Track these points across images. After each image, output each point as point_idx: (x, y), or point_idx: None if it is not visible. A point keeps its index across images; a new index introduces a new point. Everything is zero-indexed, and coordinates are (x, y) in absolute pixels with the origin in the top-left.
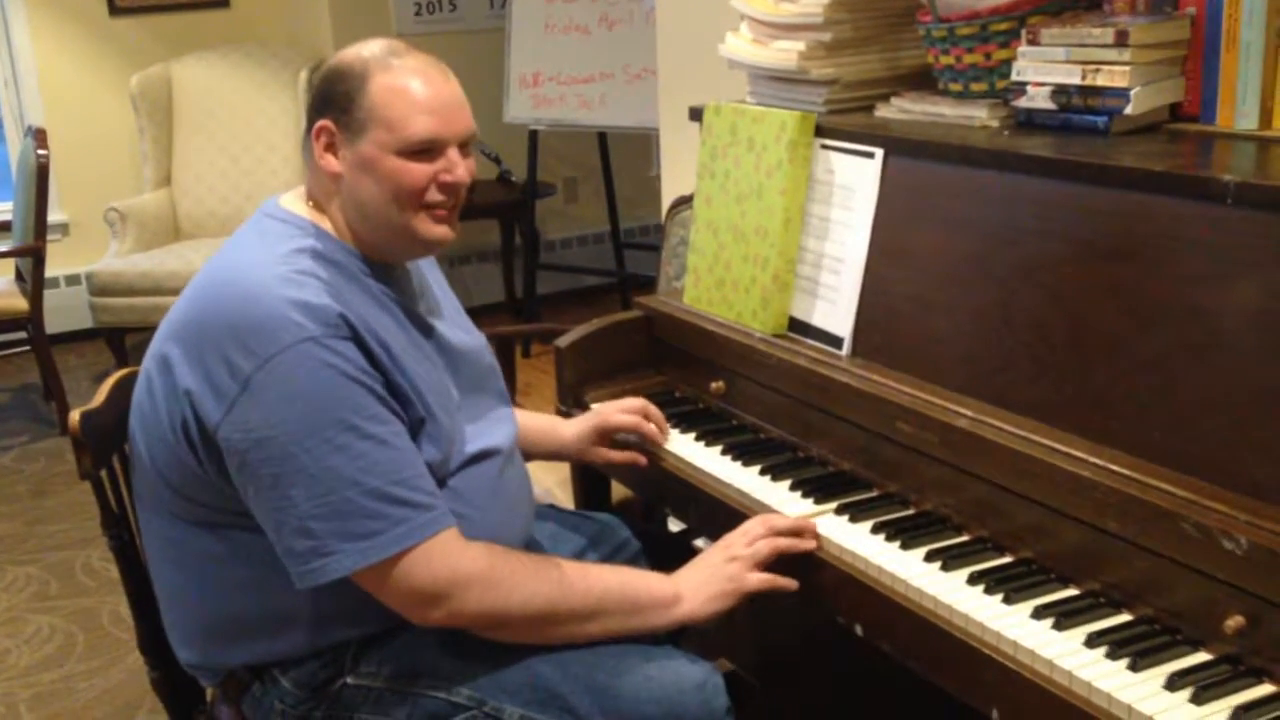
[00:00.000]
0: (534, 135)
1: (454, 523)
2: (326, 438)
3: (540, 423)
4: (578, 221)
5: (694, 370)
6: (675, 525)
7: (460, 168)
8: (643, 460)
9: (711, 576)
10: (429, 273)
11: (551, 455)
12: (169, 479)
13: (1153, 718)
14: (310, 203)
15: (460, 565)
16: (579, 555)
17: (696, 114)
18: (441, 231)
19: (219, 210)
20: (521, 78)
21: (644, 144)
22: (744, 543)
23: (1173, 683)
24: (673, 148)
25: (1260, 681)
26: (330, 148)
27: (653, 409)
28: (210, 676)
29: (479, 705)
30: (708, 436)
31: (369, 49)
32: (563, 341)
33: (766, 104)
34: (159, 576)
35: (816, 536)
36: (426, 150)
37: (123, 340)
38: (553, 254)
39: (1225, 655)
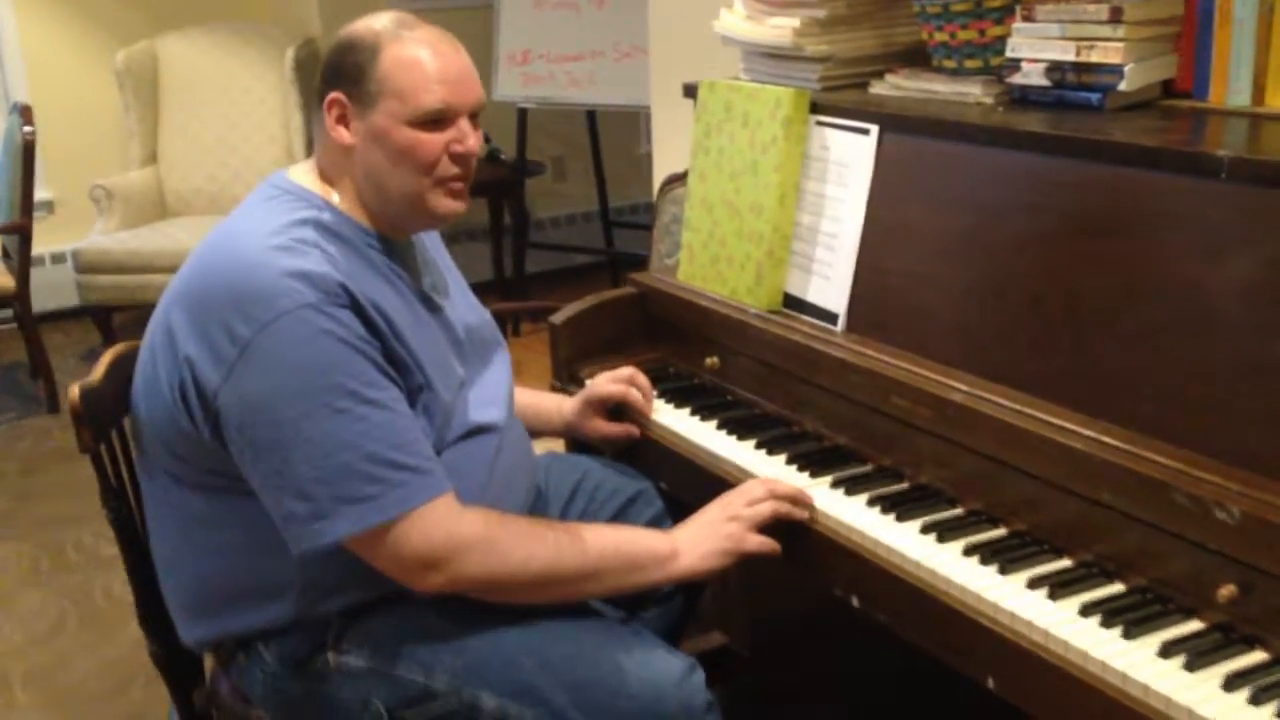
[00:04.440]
0: (523, 113)
1: (451, 487)
2: (325, 402)
3: (537, 400)
4: (566, 200)
5: (688, 346)
6: None
7: (471, 138)
8: (636, 432)
9: (710, 533)
10: (434, 248)
11: (549, 432)
12: (168, 443)
13: (1147, 684)
14: (320, 175)
15: (458, 529)
16: (618, 514)
17: (691, 91)
18: (453, 205)
19: (206, 188)
20: (510, 55)
21: (632, 122)
22: (744, 502)
23: (1166, 651)
24: (664, 125)
25: (1253, 649)
26: (342, 120)
27: (640, 377)
28: (201, 645)
29: (456, 692)
30: (703, 411)
31: (379, 21)
32: (557, 318)
33: (760, 80)
34: (158, 545)
35: (812, 508)
36: (438, 120)
37: (109, 318)
38: (541, 233)
39: (1218, 624)
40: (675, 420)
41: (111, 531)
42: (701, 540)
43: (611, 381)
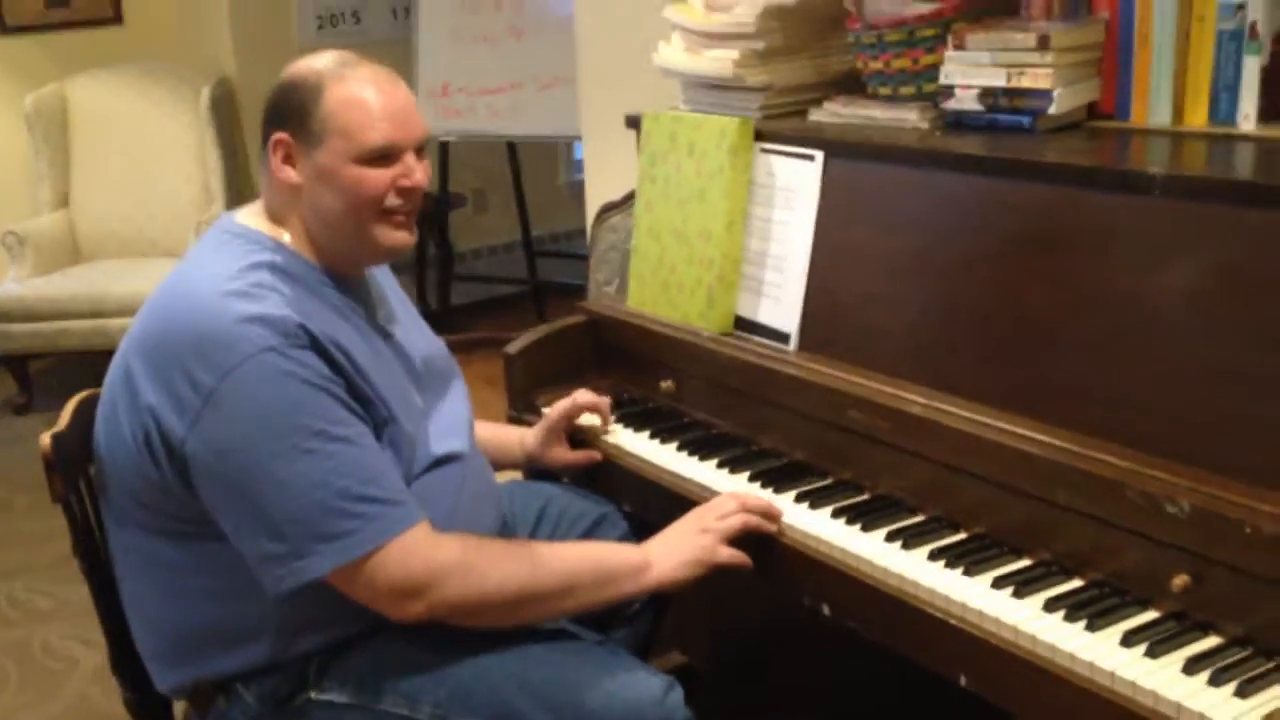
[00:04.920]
0: (444, 146)
1: (425, 516)
2: (293, 443)
3: (498, 433)
4: (488, 231)
5: (642, 371)
6: None
7: (417, 171)
8: (598, 456)
9: (682, 545)
10: (384, 281)
11: (510, 464)
12: (134, 491)
13: (1113, 672)
14: (268, 216)
15: (435, 556)
16: (584, 537)
17: (633, 122)
18: (401, 237)
19: (120, 230)
20: (430, 89)
21: (551, 152)
22: (715, 515)
23: (1128, 640)
24: (596, 156)
25: (1207, 634)
26: (288, 159)
27: (600, 400)
28: (177, 692)
29: None
30: (662, 434)
31: (320, 61)
32: (512, 349)
33: (701, 110)
34: (127, 591)
35: (780, 521)
36: (384, 157)
37: (25, 366)
38: (464, 264)
39: (1173, 612)
40: (636, 443)
41: (45, 585)
42: (674, 551)
43: (570, 407)
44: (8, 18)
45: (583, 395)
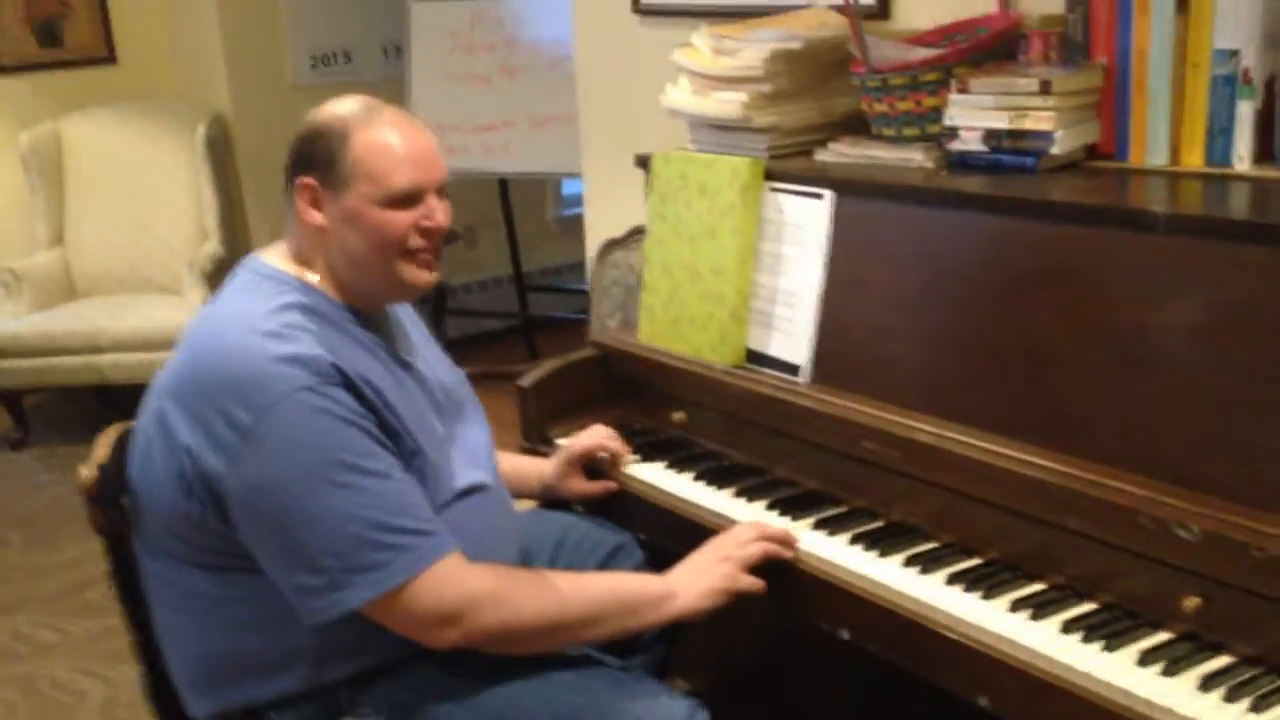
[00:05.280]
0: None
1: (457, 546)
2: (329, 478)
3: (516, 464)
4: (479, 266)
5: (652, 404)
6: None
7: (439, 212)
8: (614, 487)
9: (704, 574)
10: (404, 314)
11: (527, 495)
12: (171, 527)
13: (1130, 690)
14: (294, 257)
15: (469, 585)
16: (602, 566)
17: (643, 162)
18: (425, 277)
19: (115, 268)
20: None
21: (541, 189)
22: (734, 544)
23: (1144, 659)
24: (596, 193)
25: (1219, 653)
26: (314, 203)
27: (615, 435)
28: (212, 719)
29: None
30: (678, 464)
31: (344, 107)
32: (525, 381)
33: (709, 150)
34: (163, 622)
35: (797, 549)
36: (407, 199)
37: (20, 401)
38: (455, 299)
39: (1186, 633)
40: (651, 474)
41: (49, 619)
42: (696, 580)
43: (589, 439)
44: (2, 57)
45: (600, 430)
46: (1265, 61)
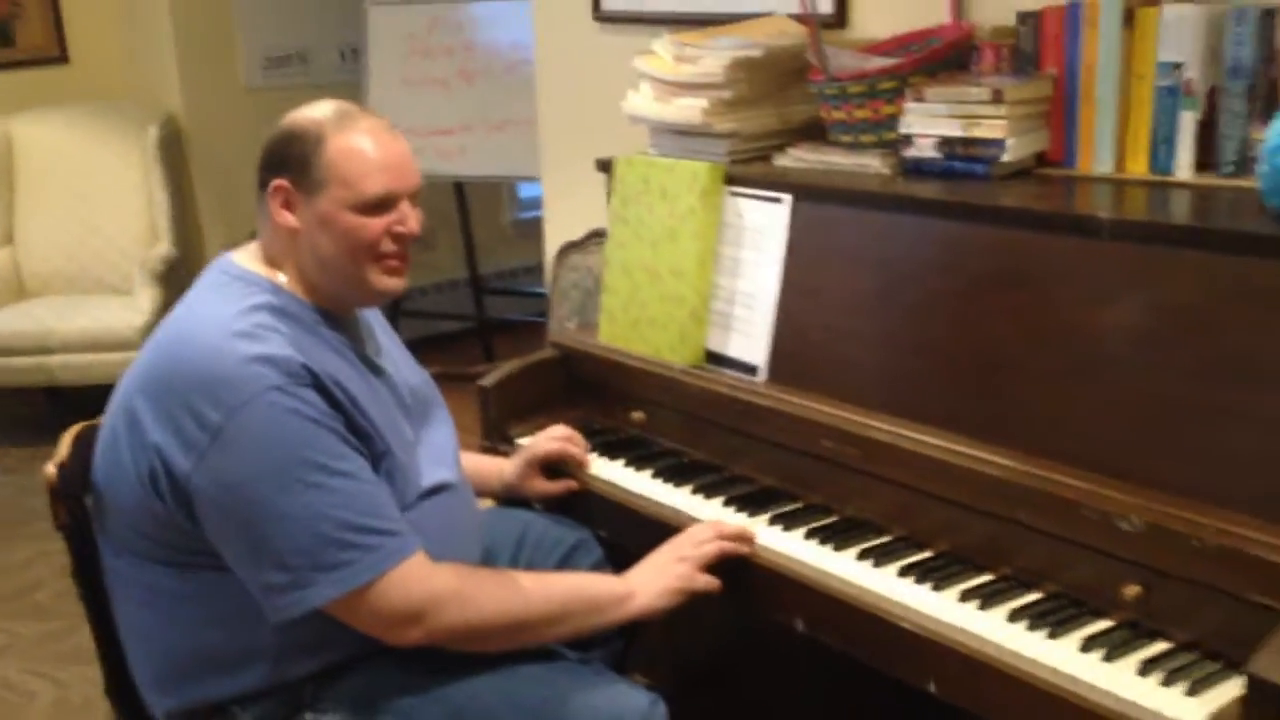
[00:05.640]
0: None
1: (421, 546)
2: (297, 477)
3: (477, 464)
4: (435, 269)
5: (612, 403)
6: None
7: (411, 219)
8: (575, 486)
9: (662, 574)
10: (371, 316)
11: (488, 494)
12: (137, 525)
13: (1074, 675)
14: (264, 258)
15: (433, 585)
16: (562, 562)
17: (604, 166)
18: (395, 283)
19: (65, 268)
20: None
21: (496, 192)
22: (691, 544)
23: (1086, 646)
24: (555, 197)
25: (1157, 640)
26: (288, 205)
27: (576, 435)
28: (172, 716)
29: None
30: (637, 462)
31: (319, 111)
32: (487, 381)
33: (669, 155)
34: (126, 619)
35: (754, 544)
36: (380, 205)
37: None
38: (410, 301)
39: (1127, 621)
40: (611, 471)
41: None
42: (654, 580)
43: (549, 440)
44: None
45: (560, 430)
46: (1206, 74)
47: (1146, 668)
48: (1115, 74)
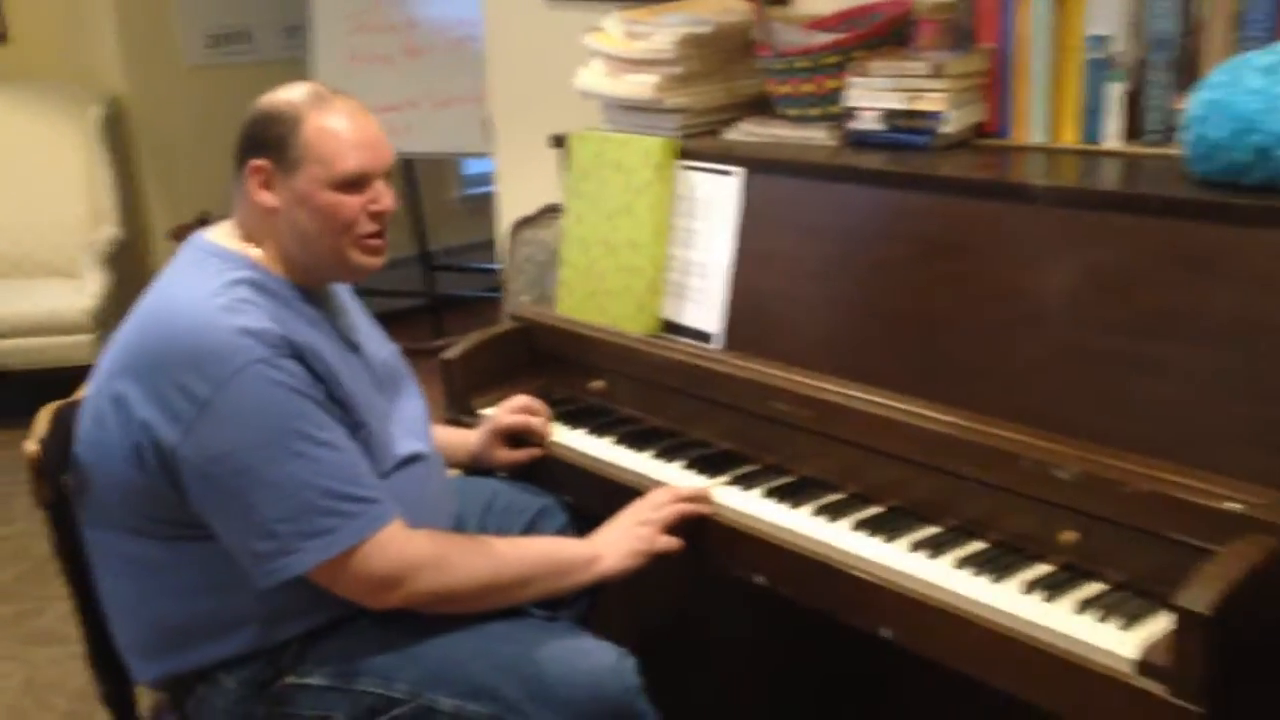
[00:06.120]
0: None
1: (399, 514)
2: (284, 446)
3: (444, 435)
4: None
5: (572, 373)
6: None
7: (387, 196)
8: (539, 453)
9: (626, 536)
10: (344, 294)
11: (454, 464)
12: (124, 499)
13: (1017, 616)
14: (240, 236)
15: (410, 550)
16: (529, 527)
17: (559, 141)
18: (373, 260)
19: (9, 252)
20: None
21: (444, 169)
22: (651, 508)
23: (1028, 589)
24: (509, 173)
25: (1092, 580)
26: (266, 184)
27: (536, 403)
28: (158, 683)
29: (415, 698)
30: (599, 430)
31: (295, 93)
32: (450, 354)
33: (622, 130)
34: (110, 592)
35: (713, 505)
36: (356, 183)
37: None
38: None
39: (1064, 564)
40: (573, 439)
41: None
42: (618, 543)
43: (512, 412)
44: None
45: (523, 399)
46: (1132, 47)
47: (1083, 606)
48: (1047, 48)
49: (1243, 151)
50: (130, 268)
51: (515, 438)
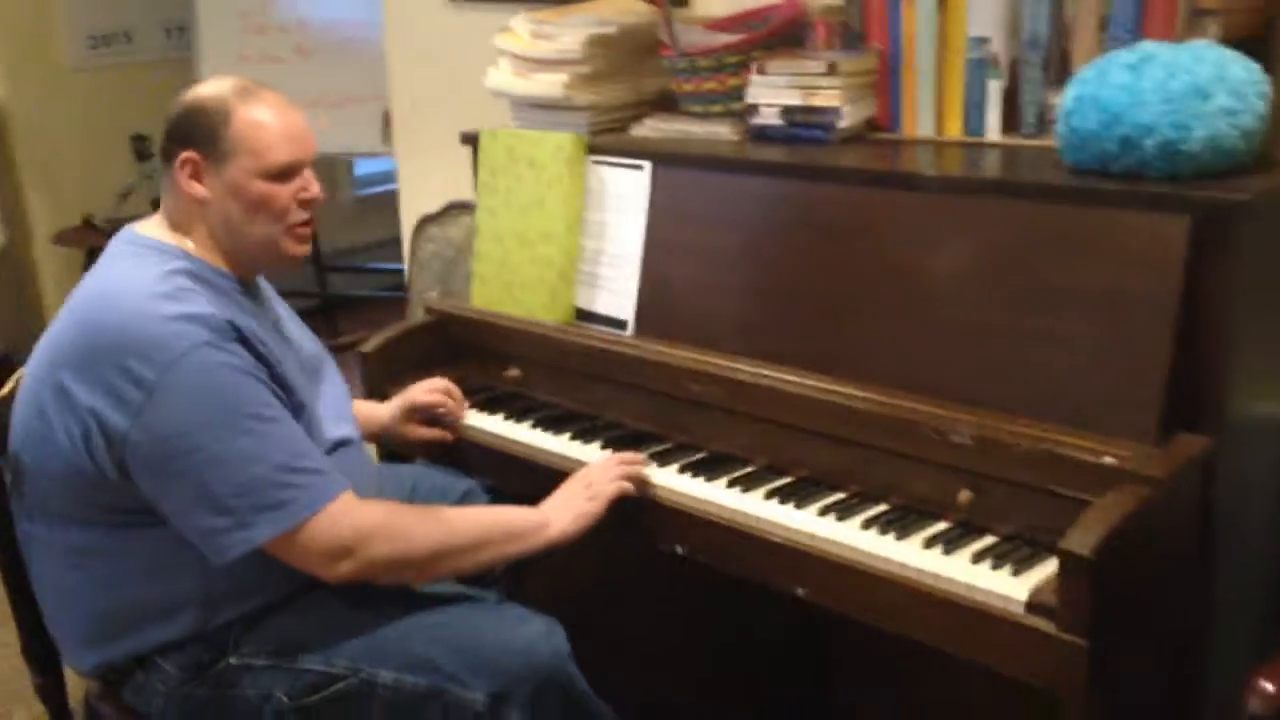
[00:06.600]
0: None
1: (349, 485)
2: (233, 425)
3: (356, 408)
4: None
5: (488, 362)
6: None
7: (315, 185)
8: (449, 436)
9: (573, 502)
10: (268, 289)
11: (367, 437)
12: (68, 489)
13: (920, 568)
14: (170, 228)
15: (362, 519)
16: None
17: (469, 139)
18: (303, 248)
19: None
20: None
21: (335, 169)
22: (598, 473)
23: (929, 544)
24: (410, 172)
25: (986, 535)
26: (196, 176)
27: (453, 387)
28: (97, 671)
29: (355, 673)
30: (516, 415)
31: (223, 87)
32: (367, 347)
33: (531, 128)
34: (47, 582)
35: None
36: (285, 173)
37: None
38: None
39: (960, 521)
40: (492, 424)
41: None
42: (567, 508)
43: (428, 391)
44: None
45: (439, 381)
46: (1009, 47)
47: (978, 557)
48: (932, 48)
49: (1111, 141)
50: (11, 273)
51: (428, 416)
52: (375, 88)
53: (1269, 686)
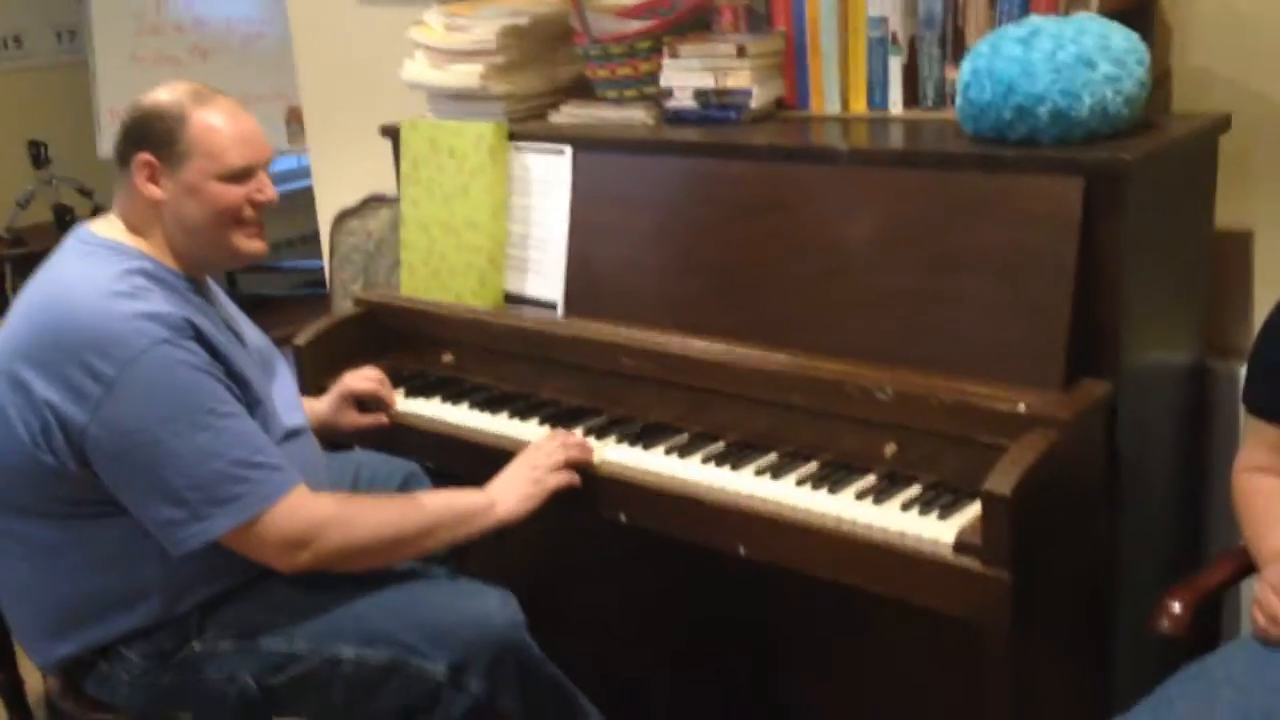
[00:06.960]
0: None
1: (301, 479)
2: (190, 421)
3: None
4: None
5: (422, 349)
6: None
7: (269, 187)
8: (386, 421)
9: (519, 483)
10: (216, 287)
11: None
12: (25, 482)
13: (853, 520)
14: (127, 229)
15: (316, 510)
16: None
17: (389, 132)
18: (257, 245)
19: None
20: (112, 111)
21: None
22: (542, 455)
23: (859, 497)
24: (324, 167)
25: (912, 484)
26: (152, 178)
27: (384, 377)
28: (59, 664)
29: (317, 651)
30: (452, 398)
31: (177, 92)
32: (300, 340)
33: (449, 118)
34: (10, 576)
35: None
36: (240, 175)
37: None
38: None
39: (888, 474)
40: (429, 408)
41: None
42: (513, 490)
43: (362, 380)
44: None
45: (372, 371)
46: (907, 26)
47: (906, 506)
48: (835, 29)
49: (1006, 111)
50: None
51: (362, 404)
52: (276, 86)
53: (1177, 607)
